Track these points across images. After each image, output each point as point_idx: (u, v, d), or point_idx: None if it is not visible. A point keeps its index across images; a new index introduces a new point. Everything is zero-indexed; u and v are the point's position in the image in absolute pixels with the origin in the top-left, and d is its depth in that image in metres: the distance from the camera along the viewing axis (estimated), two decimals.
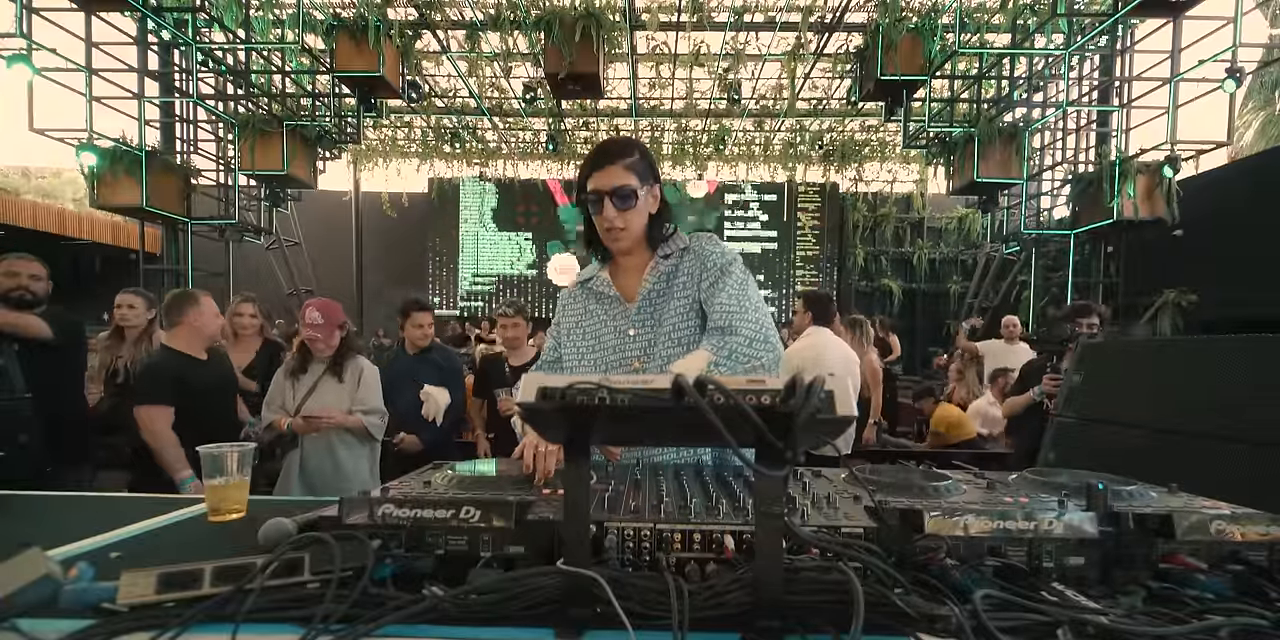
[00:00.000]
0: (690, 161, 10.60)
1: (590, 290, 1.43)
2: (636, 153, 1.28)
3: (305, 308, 2.46)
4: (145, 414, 2.28)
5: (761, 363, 1.21)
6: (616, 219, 1.27)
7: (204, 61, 6.58)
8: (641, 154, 1.29)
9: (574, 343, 1.42)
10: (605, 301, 1.40)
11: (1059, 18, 5.84)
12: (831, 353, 3.24)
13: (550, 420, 0.61)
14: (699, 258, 1.33)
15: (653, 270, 1.35)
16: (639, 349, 1.34)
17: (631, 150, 1.28)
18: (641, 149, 1.30)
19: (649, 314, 1.35)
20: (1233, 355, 1.22)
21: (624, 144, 1.30)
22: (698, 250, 1.34)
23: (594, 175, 1.27)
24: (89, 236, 9.89)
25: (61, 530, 1.00)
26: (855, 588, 0.54)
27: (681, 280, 1.34)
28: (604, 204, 1.27)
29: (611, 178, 1.25)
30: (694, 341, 1.30)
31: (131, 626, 0.59)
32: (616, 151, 1.27)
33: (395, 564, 0.69)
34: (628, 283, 1.39)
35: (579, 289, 1.46)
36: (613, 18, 6.36)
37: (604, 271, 1.41)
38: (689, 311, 1.32)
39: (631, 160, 1.27)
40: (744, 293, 1.28)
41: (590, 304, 1.43)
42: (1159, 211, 6.20)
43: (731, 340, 1.20)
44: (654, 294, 1.35)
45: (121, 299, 2.98)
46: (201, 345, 2.52)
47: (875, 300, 11.71)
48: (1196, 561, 0.70)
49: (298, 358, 2.51)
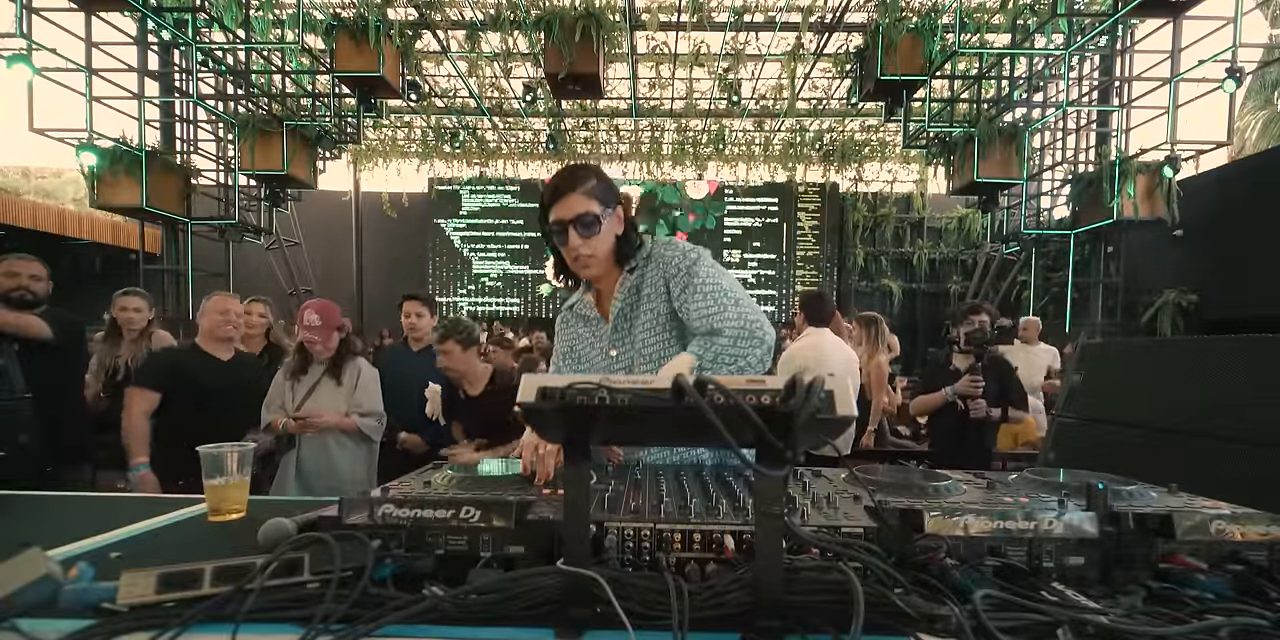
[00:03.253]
0: (690, 161, 10.60)
1: (576, 313, 1.44)
2: (594, 178, 1.27)
3: (302, 310, 2.46)
4: (128, 394, 2.36)
5: (748, 360, 1.18)
6: (582, 247, 1.26)
7: (204, 61, 6.58)
8: (599, 178, 1.28)
9: (568, 367, 1.44)
10: (590, 323, 1.41)
11: (1059, 18, 5.85)
12: (832, 352, 3.24)
13: (550, 420, 0.61)
14: (659, 265, 1.31)
15: (620, 286, 1.34)
16: (621, 370, 1.34)
17: (589, 176, 1.27)
18: (599, 173, 1.29)
19: (625, 332, 1.35)
20: (1233, 355, 1.22)
21: (581, 171, 1.28)
22: (658, 257, 1.32)
23: (554, 206, 1.25)
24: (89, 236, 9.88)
25: (61, 530, 1.00)
26: (855, 588, 0.54)
27: (646, 292, 1.32)
28: (568, 233, 1.25)
29: (572, 206, 1.24)
30: (666, 355, 1.28)
31: (131, 626, 0.59)
32: (574, 180, 1.25)
33: (395, 564, 0.69)
34: (605, 303, 1.39)
35: (569, 312, 1.47)
36: (613, 18, 6.36)
37: (587, 294, 1.42)
38: (656, 325, 1.31)
39: (590, 186, 1.25)
40: (718, 289, 1.24)
41: (579, 328, 1.44)
42: (1159, 211, 6.20)
43: (716, 342, 1.18)
44: (625, 310, 1.34)
45: (127, 302, 2.99)
46: (218, 345, 2.57)
47: (875, 300, 11.71)
48: (1196, 561, 0.70)
49: (298, 359, 2.52)
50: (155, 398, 2.36)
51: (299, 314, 2.49)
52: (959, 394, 2.78)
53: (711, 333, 1.20)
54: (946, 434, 2.99)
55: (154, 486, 2.29)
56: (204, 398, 2.40)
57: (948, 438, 2.98)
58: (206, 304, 2.57)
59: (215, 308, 2.56)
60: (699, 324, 1.22)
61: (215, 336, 2.58)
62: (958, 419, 2.81)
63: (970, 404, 2.74)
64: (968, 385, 2.73)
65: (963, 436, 2.83)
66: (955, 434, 2.87)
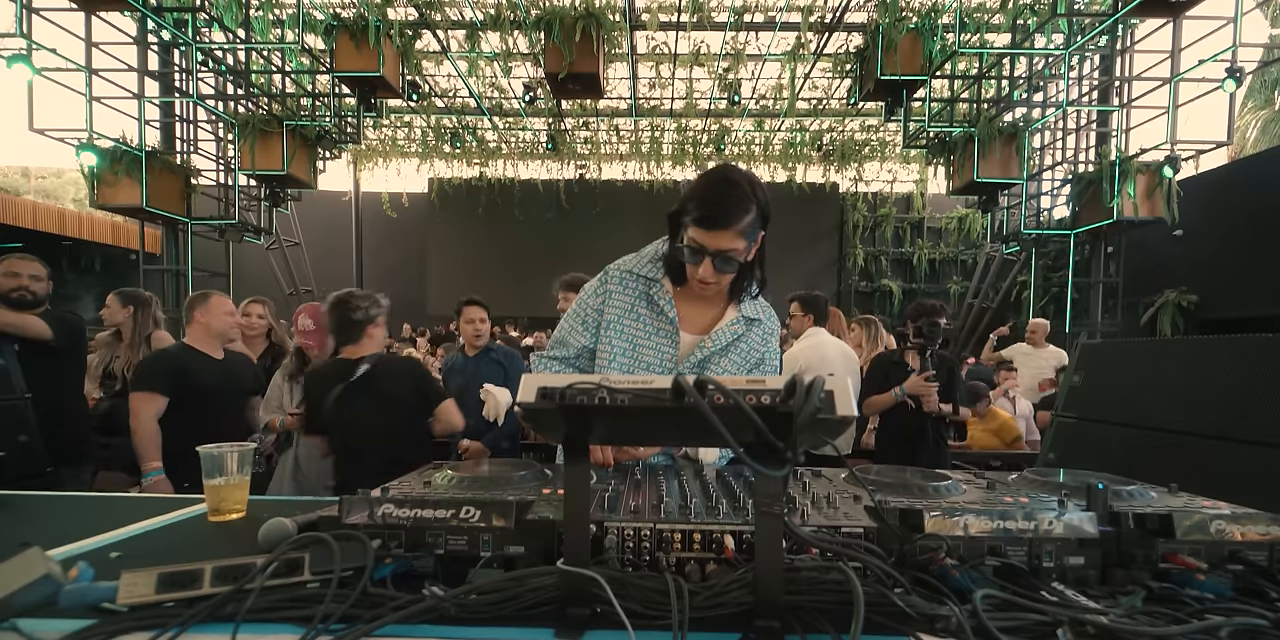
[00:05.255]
0: (690, 161, 10.60)
1: (645, 294, 1.30)
2: (754, 209, 1.13)
3: (297, 314, 2.47)
4: (134, 399, 2.32)
5: None
6: (712, 278, 1.18)
7: (204, 61, 6.58)
8: (758, 206, 1.14)
9: (611, 338, 1.29)
10: (658, 315, 1.29)
11: (1059, 18, 5.85)
12: (833, 353, 3.24)
13: (550, 420, 0.61)
14: (764, 336, 1.36)
15: (730, 327, 1.29)
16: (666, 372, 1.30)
17: (749, 207, 1.12)
18: (759, 198, 1.14)
19: (697, 363, 1.29)
20: (1233, 355, 1.22)
21: (744, 200, 1.11)
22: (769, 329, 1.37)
23: (700, 231, 1.13)
24: (89, 236, 9.89)
25: (61, 530, 1.00)
26: (855, 588, 0.54)
27: (743, 348, 1.33)
28: (704, 263, 1.15)
29: (720, 241, 1.12)
30: None
31: (131, 626, 0.59)
32: (734, 212, 1.11)
33: (395, 564, 0.69)
34: (691, 311, 1.30)
35: (632, 279, 1.30)
36: (613, 18, 6.37)
37: (667, 280, 1.29)
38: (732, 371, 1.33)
39: (746, 222, 1.12)
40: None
41: (640, 306, 1.30)
42: (1159, 211, 6.20)
43: None
44: (715, 351, 1.29)
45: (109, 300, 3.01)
46: (214, 343, 2.56)
47: (875, 300, 11.72)
48: (1196, 561, 0.70)
49: (295, 361, 2.53)
50: (163, 401, 2.33)
51: (294, 319, 2.49)
52: (910, 393, 2.79)
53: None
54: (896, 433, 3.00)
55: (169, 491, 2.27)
56: (205, 397, 2.40)
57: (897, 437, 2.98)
58: (208, 305, 2.53)
59: (223, 309, 2.55)
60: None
61: (224, 337, 2.58)
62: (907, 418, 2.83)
63: (924, 400, 2.76)
64: (919, 383, 2.74)
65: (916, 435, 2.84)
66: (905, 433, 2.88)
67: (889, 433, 3.11)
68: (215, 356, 2.54)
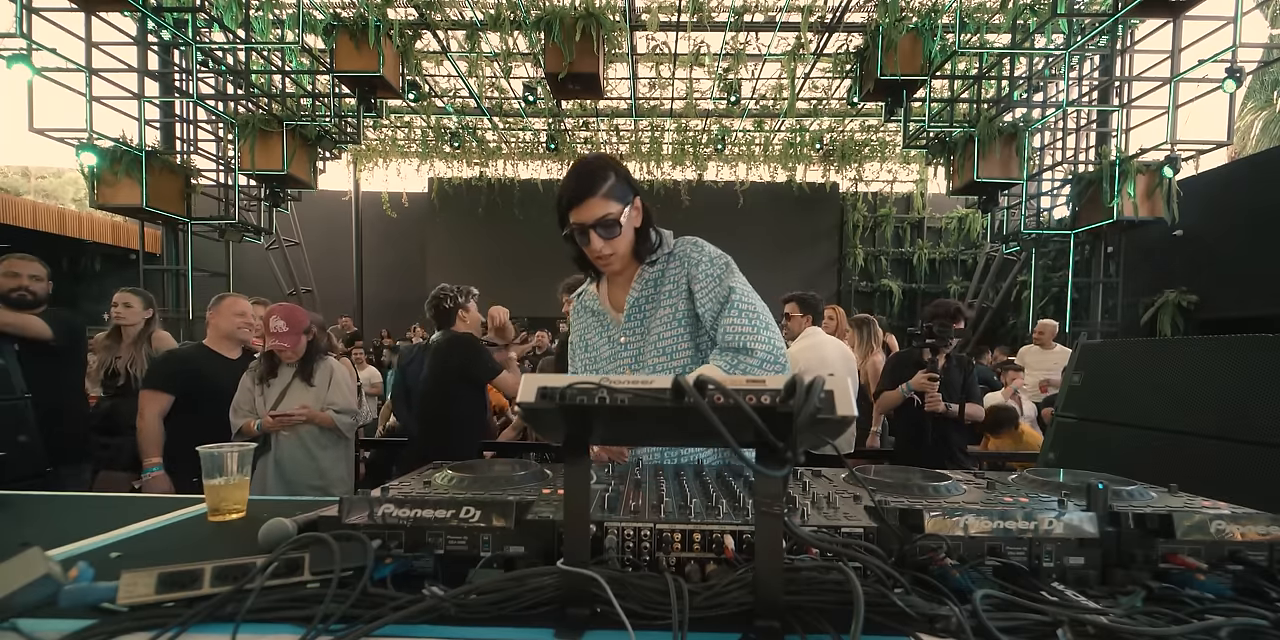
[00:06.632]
0: (690, 161, 10.59)
1: (584, 305, 1.49)
2: (612, 175, 1.24)
3: (268, 316, 2.40)
4: (142, 396, 2.38)
5: None
6: (604, 248, 1.27)
7: (204, 61, 6.57)
8: (617, 173, 1.25)
9: (578, 355, 1.50)
10: (597, 315, 1.45)
11: (1059, 18, 5.84)
12: (832, 353, 3.25)
13: (550, 420, 0.61)
14: (684, 264, 1.33)
15: (639, 278, 1.36)
16: (630, 356, 1.37)
17: (607, 174, 1.24)
18: (615, 167, 1.26)
19: (638, 322, 1.37)
20: (1233, 355, 1.22)
21: (599, 170, 1.24)
22: (683, 256, 1.33)
23: (574, 210, 1.25)
24: (89, 236, 9.89)
25: (61, 530, 1.00)
26: (855, 588, 0.54)
27: (668, 288, 1.34)
28: (589, 235, 1.26)
29: (591, 210, 1.23)
30: (679, 350, 1.32)
31: (131, 626, 0.59)
32: (593, 181, 1.23)
33: (395, 564, 0.69)
34: (617, 293, 1.42)
35: (578, 304, 1.52)
36: (613, 18, 6.36)
37: (593, 285, 1.47)
38: (673, 321, 1.33)
39: (608, 186, 1.23)
40: (753, 311, 1.26)
41: (588, 318, 1.48)
42: (1159, 211, 6.20)
43: (746, 361, 1.21)
44: (641, 302, 1.36)
45: (118, 298, 2.99)
46: (228, 344, 2.59)
47: (875, 300, 11.72)
48: (1196, 561, 0.70)
49: (264, 363, 2.45)
50: (168, 400, 2.38)
51: (264, 320, 2.43)
52: (914, 389, 2.82)
53: (741, 350, 1.22)
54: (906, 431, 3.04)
55: (167, 488, 2.29)
56: (216, 397, 2.40)
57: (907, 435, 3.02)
58: (219, 305, 2.58)
59: (232, 309, 2.57)
60: (730, 339, 1.24)
61: (234, 338, 2.59)
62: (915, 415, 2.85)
63: (926, 398, 2.78)
64: (923, 381, 2.77)
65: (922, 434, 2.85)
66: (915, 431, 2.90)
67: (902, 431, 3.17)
68: (230, 357, 2.57)
